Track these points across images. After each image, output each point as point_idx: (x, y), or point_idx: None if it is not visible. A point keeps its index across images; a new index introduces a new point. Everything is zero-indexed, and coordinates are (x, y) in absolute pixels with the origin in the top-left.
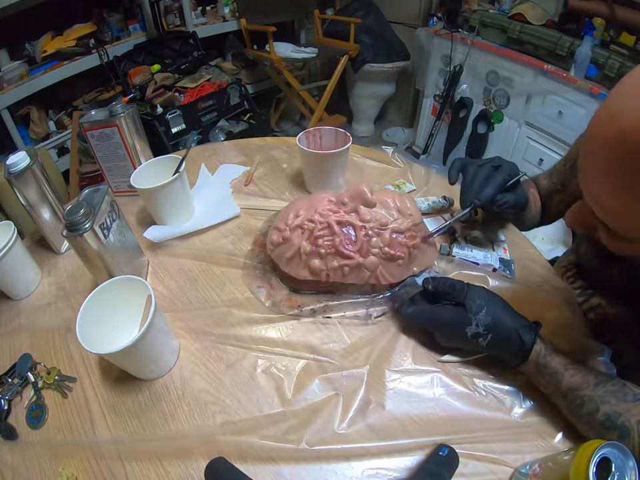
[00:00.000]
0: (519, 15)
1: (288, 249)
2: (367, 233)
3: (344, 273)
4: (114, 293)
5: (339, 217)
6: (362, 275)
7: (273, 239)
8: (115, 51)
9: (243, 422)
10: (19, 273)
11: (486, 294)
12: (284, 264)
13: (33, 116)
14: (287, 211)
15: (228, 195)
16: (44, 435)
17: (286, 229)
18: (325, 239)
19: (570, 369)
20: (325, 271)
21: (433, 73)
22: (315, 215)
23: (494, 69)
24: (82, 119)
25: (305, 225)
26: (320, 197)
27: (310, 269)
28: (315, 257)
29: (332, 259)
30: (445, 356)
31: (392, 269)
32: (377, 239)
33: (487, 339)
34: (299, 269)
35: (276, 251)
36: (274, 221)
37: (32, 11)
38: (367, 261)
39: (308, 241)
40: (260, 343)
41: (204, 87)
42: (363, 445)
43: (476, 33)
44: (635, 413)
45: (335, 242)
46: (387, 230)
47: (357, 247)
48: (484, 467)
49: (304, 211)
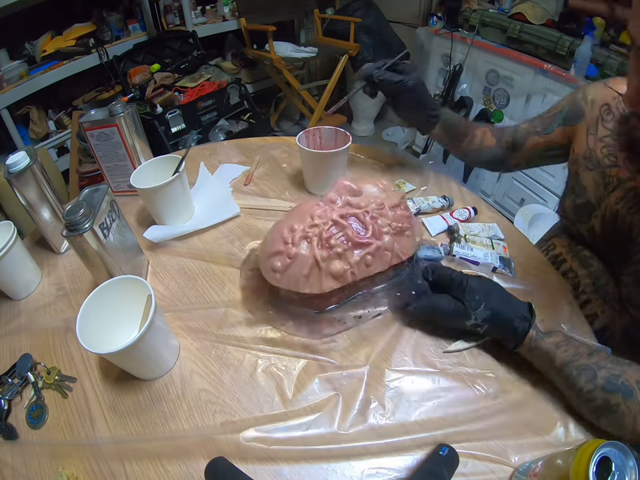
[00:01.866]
0: (519, 14)
1: (301, 265)
2: (372, 215)
3: (367, 263)
4: (114, 293)
5: (337, 211)
6: (384, 258)
7: (276, 266)
8: (114, 50)
9: (243, 421)
10: (18, 273)
11: (484, 287)
12: (302, 285)
13: (32, 116)
14: (275, 235)
15: (228, 195)
16: (44, 434)
17: (289, 247)
18: (337, 237)
19: (562, 345)
20: (349, 269)
21: (433, 72)
22: (313, 220)
23: (494, 69)
24: (81, 118)
25: (310, 233)
26: (305, 206)
27: (333, 274)
28: (333, 259)
29: (351, 253)
30: (451, 346)
31: (404, 242)
32: (382, 219)
33: (484, 328)
34: (322, 281)
35: (285, 277)
36: (262, 253)
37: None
38: (383, 242)
39: (320, 247)
40: (260, 342)
41: (204, 87)
42: (363, 444)
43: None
44: (631, 374)
45: (348, 234)
46: (385, 207)
47: (370, 232)
48: (484, 466)
49: (298, 223)
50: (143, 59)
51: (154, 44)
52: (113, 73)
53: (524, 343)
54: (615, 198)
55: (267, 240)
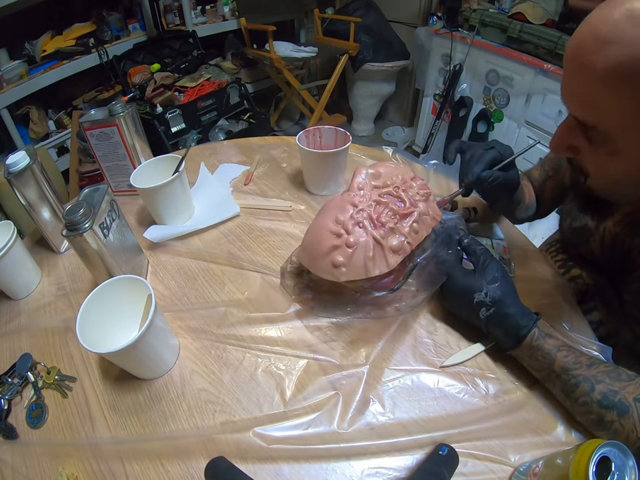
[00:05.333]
0: (519, 14)
1: (364, 249)
2: (402, 189)
3: (416, 231)
4: (114, 293)
5: (374, 193)
6: (426, 222)
7: (338, 261)
8: (114, 50)
9: (243, 421)
10: (18, 273)
11: (503, 272)
12: (370, 268)
13: (32, 115)
14: (321, 233)
15: (228, 195)
16: (44, 434)
17: (346, 237)
18: (385, 214)
19: (563, 350)
20: (405, 239)
21: (433, 72)
22: (355, 206)
23: (494, 68)
24: (82, 118)
25: (359, 217)
26: (336, 201)
27: (393, 248)
28: (389, 235)
29: (401, 225)
30: (448, 360)
31: (432, 206)
32: (411, 190)
33: (489, 310)
34: (387, 258)
35: (351, 267)
36: (311, 258)
37: (31, 11)
38: (421, 208)
39: (374, 227)
40: (260, 342)
41: (204, 86)
42: (363, 444)
43: (476, 32)
44: (630, 390)
45: (393, 209)
46: (408, 180)
47: (408, 202)
48: (484, 466)
49: (341, 214)
50: (142, 58)
51: (154, 44)
52: (112, 72)
53: (525, 340)
54: (612, 222)
55: (309, 243)
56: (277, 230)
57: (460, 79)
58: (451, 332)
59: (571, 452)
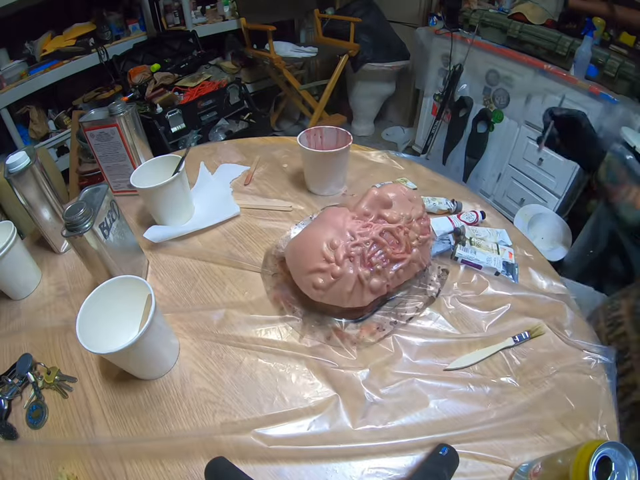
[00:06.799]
0: (519, 14)
1: (345, 283)
2: (404, 230)
3: (399, 276)
4: (114, 293)
5: (375, 228)
6: (412, 269)
7: (319, 283)
8: (114, 50)
9: (243, 421)
10: (18, 273)
11: None
12: (345, 300)
13: (32, 115)
14: (313, 249)
15: (228, 195)
16: (44, 434)
17: (333, 266)
18: (377, 255)
19: None
20: (385, 282)
21: (433, 72)
22: (354, 237)
23: (494, 69)
24: (81, 118)
25: (353, 252)
26: (337, 217)
27: (372, 289)
28: (373, 277)
29: (389, 269)
30: (451, 364)
31: (425, 251)
32: (412, 232)
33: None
34: (363, 296)
35: (329, 294)
36: (297, 267)
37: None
38: (413, 255)
39: (362, 265)
40: (260, 342)
41: (203, 86)
42: (363, 444)
43: (476, 33)
44: None
45: (387, 252)
46: (413, 221)
47: (403, 247)
48: (484, 466)
49: (337, 239)
50: (142, 58)
51: (154, 44)
52: (112, 72)
53: None
54: None
55: (299, 251)
56: (277, 230)
57: (460, 79)
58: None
59: (571, 452)
